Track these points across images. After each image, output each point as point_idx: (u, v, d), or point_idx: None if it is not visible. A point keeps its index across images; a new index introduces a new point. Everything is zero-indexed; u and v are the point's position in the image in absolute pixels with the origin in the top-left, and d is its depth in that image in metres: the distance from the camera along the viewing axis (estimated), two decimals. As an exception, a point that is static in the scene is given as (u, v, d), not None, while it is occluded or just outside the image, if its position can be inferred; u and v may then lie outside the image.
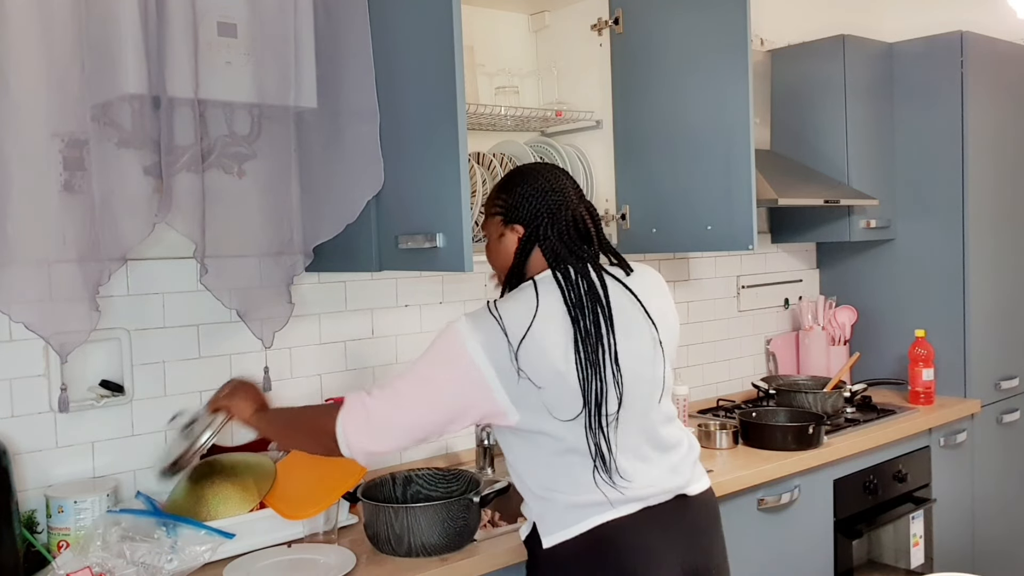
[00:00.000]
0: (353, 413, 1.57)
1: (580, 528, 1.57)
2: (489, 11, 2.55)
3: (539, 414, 1.54)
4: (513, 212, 1.65)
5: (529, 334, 1.51)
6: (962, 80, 3.10)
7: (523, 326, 1.52)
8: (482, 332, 1.53)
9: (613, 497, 1.57)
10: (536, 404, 1.53)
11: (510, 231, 1.66)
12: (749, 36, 2.17)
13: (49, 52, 1.62)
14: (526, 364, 1.51)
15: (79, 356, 1.80)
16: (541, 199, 1.63)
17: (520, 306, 1.55)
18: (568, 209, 1.63)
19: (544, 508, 1.61)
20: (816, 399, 2.83)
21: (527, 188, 1.64)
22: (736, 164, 2.22)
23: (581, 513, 1.58)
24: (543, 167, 1.71)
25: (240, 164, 1.88)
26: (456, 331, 1.55)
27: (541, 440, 1.57)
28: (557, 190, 1.64)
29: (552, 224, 1.62)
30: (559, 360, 1.52)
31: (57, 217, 1.65)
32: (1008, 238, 3.31)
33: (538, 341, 1.52)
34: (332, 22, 1.91)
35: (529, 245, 1.63)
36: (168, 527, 1.72)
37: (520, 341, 1.51)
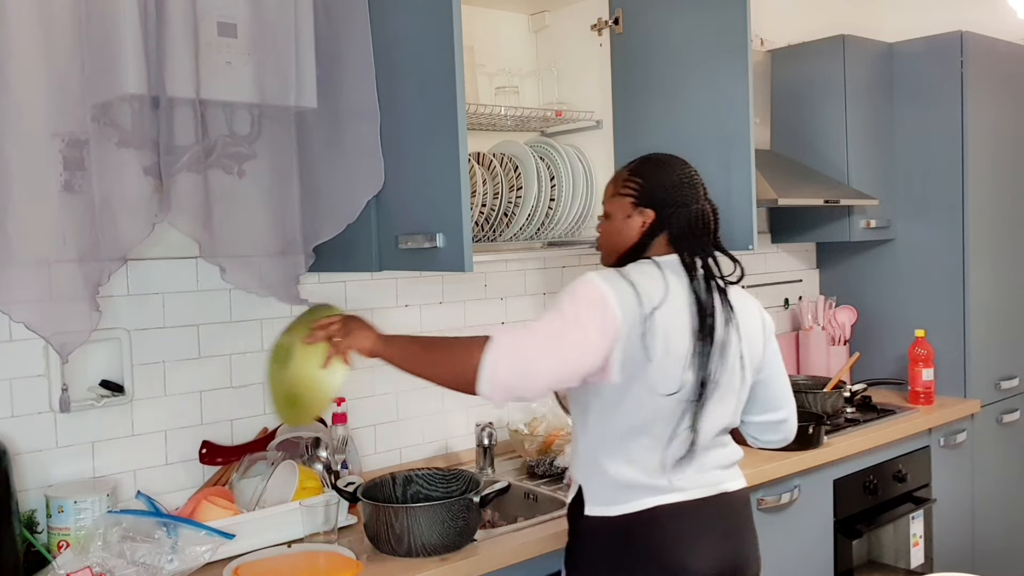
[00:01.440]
0: (505, 350, 1.52)
1: (629, 508, 1.62)
2: (489, 11, 2.55)
3: (634, 384, 1.58)
4: (646, 196, 1.71)
5: (660, 308, 1.58)
6: (962, 80, 3.10)
7: (656, 298, 1.59)
8: (617, 290, 1.58)
9: (663, 484, 1.63)
10: (637, 374, 1.58)
11: (638, 214, 1.71)
12: (749, 36, 2.17)
13: (49, 52, 1.62)
14: (649, 334, 1.56)
15: (79, 356, 1.80)
16: (675, 189, 1.70)
17: (652, 281, 1.62)
18: (697, 203, 1.70)
19: (596, 478, 1.65)
20: (816, 399, 2.83)
21: (663, 176, 1.71)
22: (736, 164, 2.22)
23: (632, 493, 1.63)
24: (677, 160, 1.77)
25: (240, 164, 1.88)
26: (594, 282, 1.59)
27: (621, 411, 1.61)
28: (690, 184, 1.72)
29: (682, 213, 1.68)
30: (676, 342, 1.59)
31: (57, 217, 1.65)
32: (1008, 238, 3.31)
33: (665, 317, 1.59)
34: (332, 22, 1.91)
35: (655, 230, 1.69)
36: (168, 527, 1.72)
37: (653, 311, 1.57)
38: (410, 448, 2.43)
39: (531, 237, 2.37)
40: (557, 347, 1.55)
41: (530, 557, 1.85)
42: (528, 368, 1.54)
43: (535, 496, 2.19)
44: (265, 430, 2.15)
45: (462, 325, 2.53)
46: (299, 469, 1.93)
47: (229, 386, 2.11)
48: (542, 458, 2.35)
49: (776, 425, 1.85)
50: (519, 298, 2.67)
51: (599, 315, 1.55)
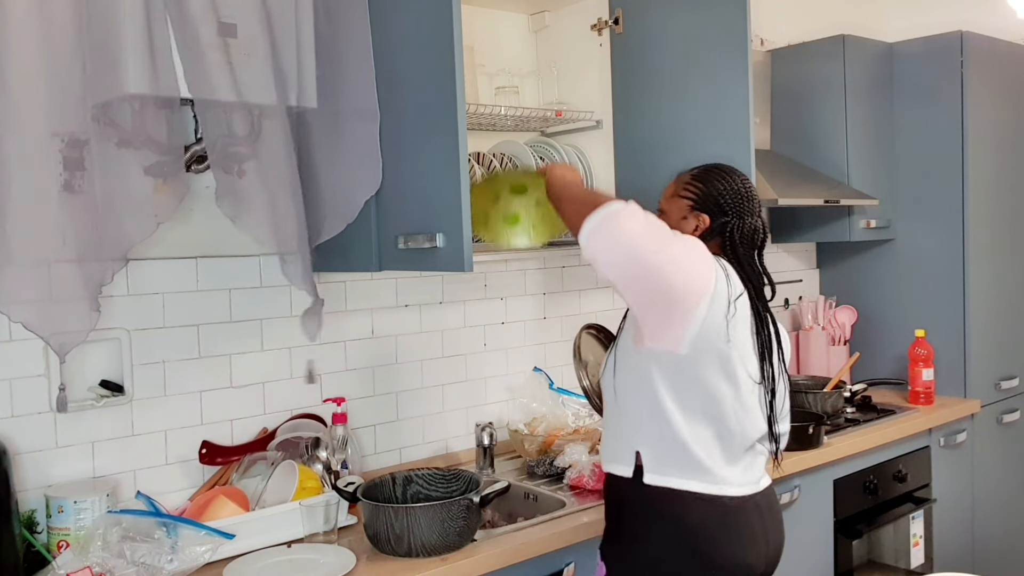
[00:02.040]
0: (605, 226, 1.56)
1: (701, 488, 1.64)
2: (489, 11, 2.55)
3: (704, 360, 1.61)
4: (705, 202, 1.75)
5: (740, 299, 1.64)
6: (962, 80, 3.10)
7: (738, 288, 1.65)
8: (716, 264, 1.64)
9: (730, 476, 1.66)
10: (710, 352, 1.61)
11: (694, 218, 1.76)
12: (749, 36, 2.17)
13: (49, 52, 1.62)
14: (732, 316, 1.61)
15: (79, 356, 1.80)
16: (735, 200, 1.74)
17: (733, 274, 1.67)
18: (752, 217, 1.74)
19: (664, 444, 1.65)
20: (816, 399, 2.83)
21: (725, 185, 1.76)
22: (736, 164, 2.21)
23: (700, 474, 1.65)
24: (739, 172, 1.81)
25: (240, 164, 1.88)
26: (706, 249, 1.65)
27: (692, 389, 1.64)
28: (748, 197, 1.76)
29: (737, 226, 1.72)
30: (746, 337, 1.66)
31: (57, 217, 1.65)
32: (1008, 238, 3.31)
33: (742, 309, 1.65)
34: (332, 22, 1.91)
35: (707, 237, 1.73)
36: (168, 527, 1.72)
37: (737, 296, 1.64)
38: (410, 448, 2.43)
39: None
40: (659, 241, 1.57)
41: (530, 557, 1.85)
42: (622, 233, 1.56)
43: (535, 496, 2.19)
44: (265, 430, 2.15)
45: (462, 325, 2.53)
46: (299, 469, 1.93)
47: (229, 386, 2.11)
48: (542, 458, 2.35)
49: (779, 437, 1.85)
50: (519, 298, 2.67)
51: (703, 261, 1.61)
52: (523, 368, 2.65)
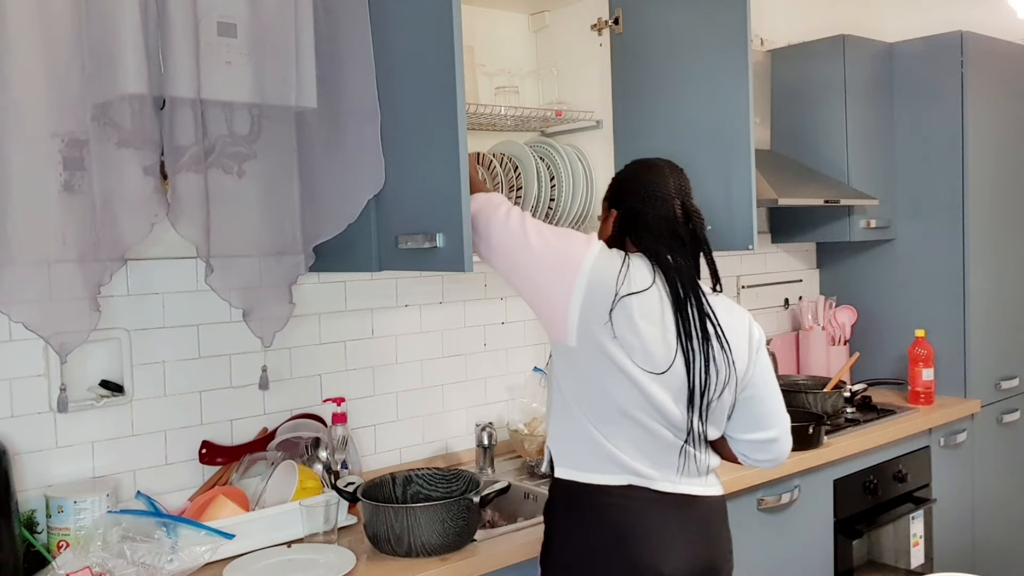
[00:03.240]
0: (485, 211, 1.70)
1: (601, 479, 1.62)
2: (489, 11, 2.55)
3: (594, 354, 1.60)
4: (614, 197, 1.78)
5: (639, 295, 1.60)
6: (962, 80, 3.10)
7: (638, 285, 1.61)
8: (606, 259, 1.63)
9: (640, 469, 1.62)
10: (597, 345, 1.59)
11: (608, 214, 1.79)
12: (749, 36, 2.17)
13: (49, 52, 1.62)
14: (619, 310, 1.58)
15: (79, 356, 1.80)
16: (635, 189, 1.74)
17: (641, 272, 1.64)
18: (661, 202, 1.71)
19: (566, 442, 1.66)
20: (816, 399, 2.83)
21: (635, 177, 1.77)
22: (736, 164, 2.22)
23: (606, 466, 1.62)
24: (660, 164, 1.79)
25: (240, 164, 1.88)
26: (591, 242, 1.66)
27: (586, 382, 1.62)
28: (654, 183, 1.74)
29: (640, 214, 1.71)
30: (651, 332, 1.60)
31: (57, 217, 1.65)
32: (1008, 238, 3.31)
33: (642, 305, 1.60)
34: (332, 22, 1.91)
35: (621, 229, 1.75)
36: (168, 527, 1.72)
37: (630, 293, 1.60)
38: (410, 448, 2.43)
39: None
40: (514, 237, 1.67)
41: (530, 557, 1.85)
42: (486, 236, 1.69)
43: (535, 496, 2.19)
44: (265, 430, 2.15)
45: (462, 325, 2.53)
46: (299, 469, 1.93)
47: (229, 386, 2.11)
48: (542, 458, 2.35)
49: (767, 444, 1.74)
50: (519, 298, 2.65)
51: (560, 249, 1.63)
52: (523, 368, 2.65)
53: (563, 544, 1.65)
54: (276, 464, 2.00)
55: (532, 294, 1.68)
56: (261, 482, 1.99)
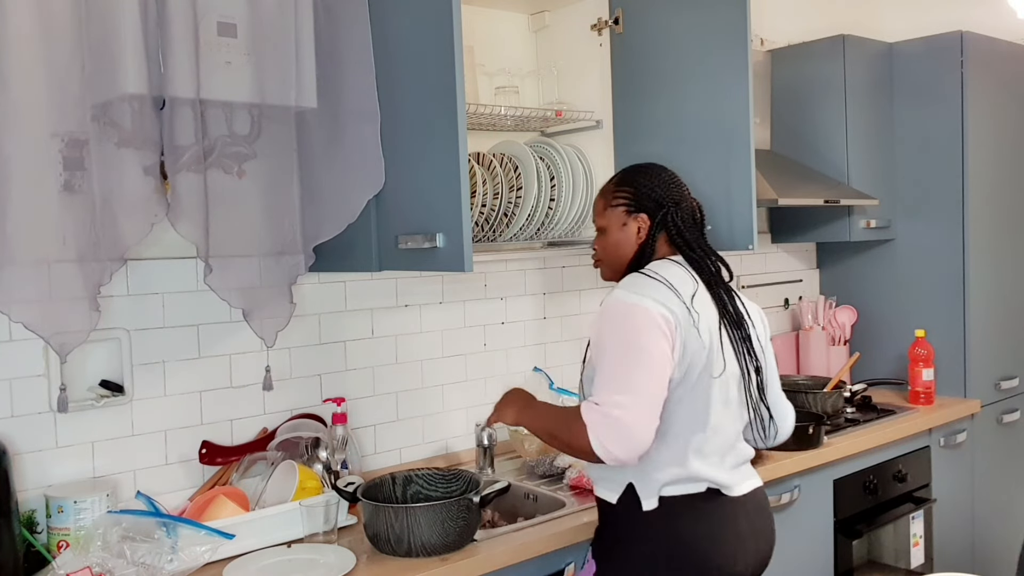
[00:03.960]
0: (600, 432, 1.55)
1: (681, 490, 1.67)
2: (489, 11, 2.55)
3: (693, 372, 1.63)
4: (638, 202, 1.76)
5: (696, 296, 1.66)
6: (962, 80, 3.10)
7: (690, 287, 1.66)
8: (650, 291, 1.63)
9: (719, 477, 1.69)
10: (695, 363, 1.63)
11: (633, 220, 1.77)
12: (749, 36, 2.17)
13: (49, 52, 1.62)
14: (699, 320, 1.63)
15: (79, 356, 1.80)
16: (665, 190, 1.76)
17: (680, 273, 1.68)
18: (686, 200, 1.78)
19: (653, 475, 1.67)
20: (816, 399, 2.83)
21: (651, 180, 1.77)
22: (736, 164, 2.22)
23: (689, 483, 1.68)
24: (657, 165, 1.83)
25: (240, 164, 1.88)
26: (625, 302, 1.63)
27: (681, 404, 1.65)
28: (676, 183, 1.78)
29: (677, 213, 1.75)
30: (713, 325, 1.66)
31: (57, 217, 1.65)
32: (1008, 238, 3.31)
33: (701, 303, 1.66)
34: (332, 22, 1.91)
35: (654, 233, 1.74)
36: (168, 527, 1.72)
37: (692, 297, 1.64)
38: (410, 448, 2.43)
39: (531, 237, 2.37)
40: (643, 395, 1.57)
41: (530, 557, 1.85)
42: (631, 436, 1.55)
43: (535, 496, 2.19)
44: (265, 430, 2.15)
45: (462, 325, 2.53)
46: (299, 469, 1.93)
47: (229, 386, 2.11)
48: (542, 458, 2.35)
49: (771, 426, 1.86)
50: (519, 298, 2.67)
51: (655, 328, 1.60)
52: (523, 368, 2.65)
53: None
54: (276, 464, 2.00)
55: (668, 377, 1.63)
56: (261, 482, 1.99)
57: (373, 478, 1.94)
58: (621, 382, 1.57)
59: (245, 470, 2.03)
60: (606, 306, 1.65)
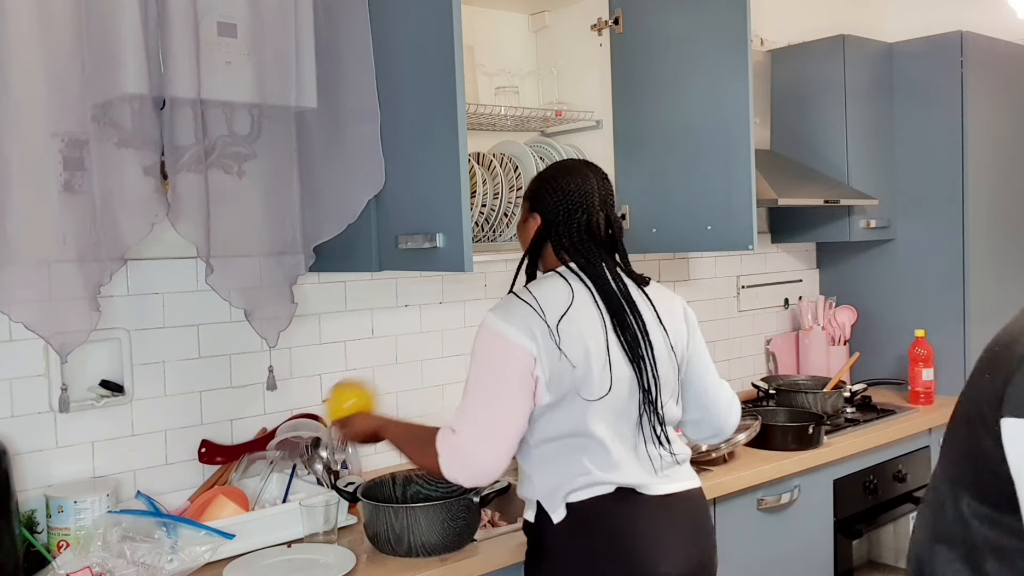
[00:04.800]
0: (446, 457, 1.60)
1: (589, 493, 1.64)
2: (489, 11, 2.55)
3: (566, 395, 1.60)
4: (537, 202, 1.74)
5: (567, 315, 1.60)
6: (962, 80, 3.10)
7: (561, 306, 1.61)
8: (517, 318, 1.60)
9: (623, 480, 1.64)
10: (566, 386, 1.59)
11: (531, 218, 1.76)
12: (749, 36, 2.17)
13: (49, 52, 1.62)
14: (564, 341, 1.58)
15: (79, 356, 1.80)
16: (561, 197, 1.71)
17: (556, 291, 1.64)
18: (585, 213, 1.70)
19: (554, 495, 1.65)
20: (816, 399, 2.83)
21: (555, 184, 1.72)
22: (736, 164, 2.22)
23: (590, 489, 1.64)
24: (581, 167, 1.77)
25: (240, 164, 1.88)
26: (491, 328, 1.61)
27: (556, 424, 1.63)
28: (580, 192, 1.71)
29: (565, 223, 1.70)
30: (591, 340, 1.60)
31: (57, 217, 1.65)
32: (1008, 238, 3.31)
33: (576, 324, 1.60)
34: (332, 22, 1.91)
35: (543, 236, 1.72)
36: (168, 527, 1.72)
37: (559, 320, 1.59)
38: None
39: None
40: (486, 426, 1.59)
41: (530, 557, 1.85)
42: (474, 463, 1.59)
43: (535, 496, 2.19)
44: (264, 430, 2.15)
45: (462, 325, 2.53)
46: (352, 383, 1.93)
47: (229, 386, 2.11)
48: (542, 458, 2.35)
49: (706, 421, 1.86)
50: (519, 298, 2.66)
51: (509, 361, 1.58)
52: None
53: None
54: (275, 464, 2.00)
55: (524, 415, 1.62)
56: (261, 482, 1.99)
57: (373, 478, 1.94)
58: (470, 412, 1.61)
59: (245, 470, 2.03)
60: (479, 328, 1.63)
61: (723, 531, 2.27)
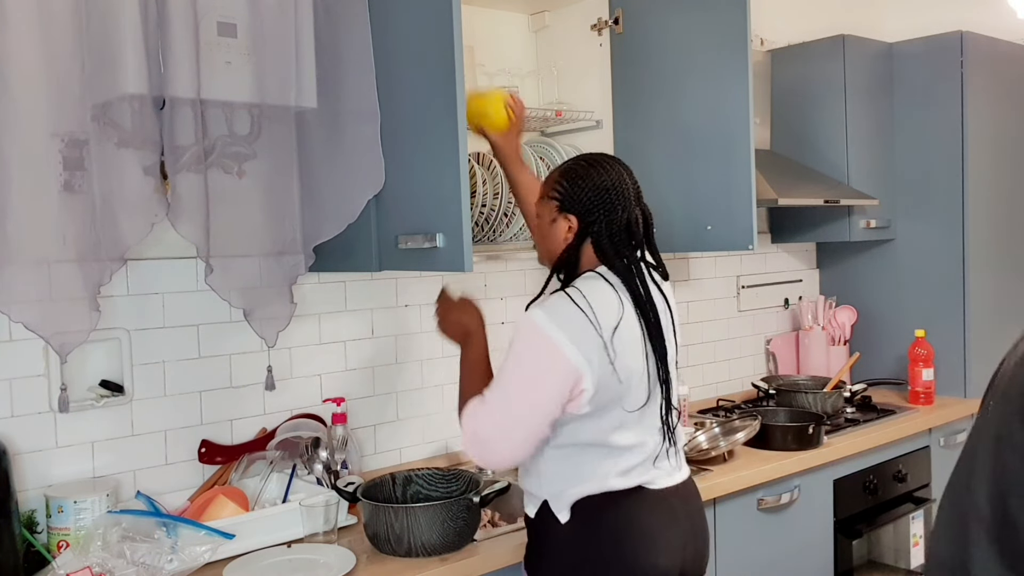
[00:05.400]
0: (467, 434, 1.58)
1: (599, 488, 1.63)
2: (489, 11, 2.55)
3: (607, 407, 1.58)
4: (570, 202, 1.65)
5: (619, 327, 1.55)
6: (962, 80, 3.10)
7: (614, 318, 1.56)
8: (570, 326, 1.53)
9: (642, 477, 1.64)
10: (610, 400, 1.57)
11: (563, 219, 1.66)
12: (749, 36, 2.17)
13: (49, 52, 1.62)
14: (616, 357, 1.55)
15: (79, 356, 1.80)
16: (600, 195, 1.63)
17: (606, 298, 1.58)
18: (624, 210, 1.64)
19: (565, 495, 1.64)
20: (816, 399, 2.83)
21: (589, 181, 1.64)
22: (736, 164, 2.22)
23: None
24: (608, 161, 1.69)
25: (240, 164, 1.88)
26: (540, 329, 1.54)
27: (589, 431, 1.60)
28: (617, 189, 1.64)
29: (606, 223, 1.63)
30: (637, 356, 1.58)
31: (57, 217, 1.65)
32: (1008, 238, 3.31)
33: (624, 335, 1.56)
34: (332, 22, 1.91)
35: (580, 237, 1.65)
36: (168, 527, 1.72)
37: (612, 334, 1.54)
38: (410, 448, 2.43)
39: (531, 237, 2.36)
40: (517, 428, 1.56)
41: (530, 557, 1.85)
42: (492, 449, 1.58)
43: (535, 496, 2.19)
44: (264, 430, 2.15)
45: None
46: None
47: (229, 386, 2.11)
48: (542, 458, 2.35)
49: None
50: (519, 298, 2.66)
51: (558, 373, 1.53)
52: (523, 368, 2.65)
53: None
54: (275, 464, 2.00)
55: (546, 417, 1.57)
56: (260, 482, 1.99)
57: (373, 478, 1.94)
58: (495, 403, 1.57)
59: (245, 470, 2.03)
60: (527, 321, 1.56)
61: (723, 531, 2.27)
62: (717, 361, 3.24)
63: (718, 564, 2.24)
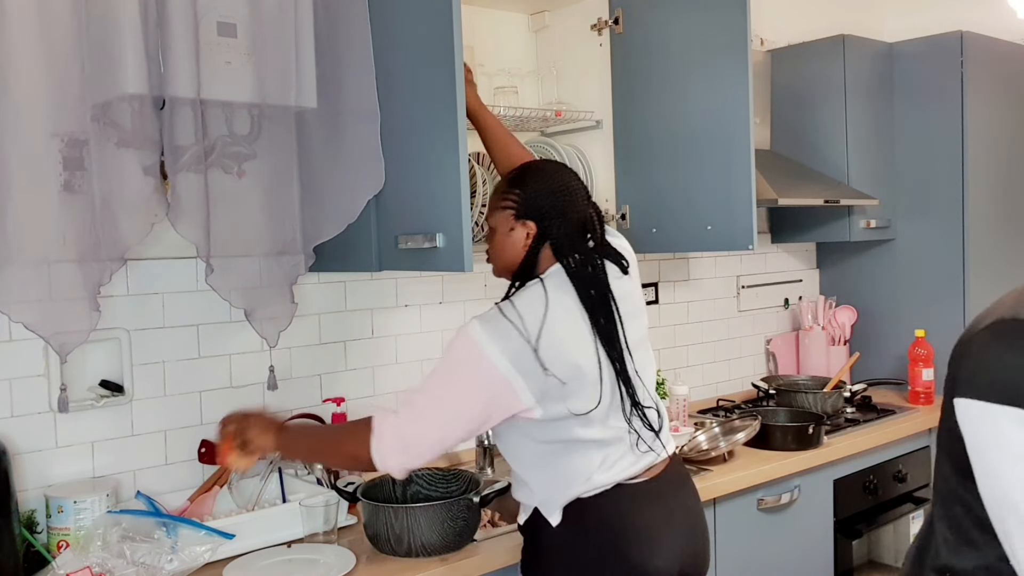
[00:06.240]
0: (385, 438, 1.57)
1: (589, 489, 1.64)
2: (489, 11, 2.55)
3: (556, 408, 1.58)
4: (525, 208, 1.67)
5: (545, 330, 1.55)
6: (962, 80, 3.10)
7: (538, 323, 1.55)
8: (499, 336, 1.55)
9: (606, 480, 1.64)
10: (557, 400, 1.57)
11: (521, 226, 1.68)
12: (749, 36, 2.17)
13: (49, 52, 1.62)
14: (548, 361, 1.54)
15: (79, 356, 1.80)
16: (554, 197, 1.67)
17: (532, 304, 1.59)
18: (577, 210, 1.68)
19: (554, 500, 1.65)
20: (816, 399, 2.83)
21: (541, 185, 1.68)
22: (736, 164, 2.22)
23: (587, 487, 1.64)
24: (553, 165, 1.76)
25: (240, 164, 1.88)
26: (471, 339, 1.56)
27: (555, 432, 1.61)
28: (568, 189, 1.68)
29: (562, 222, 1.66)
30: (577, 353, 1.58)
31: (57, 217, 1.65)
32: (1008, 238, 3.31)
33: (555, 336, 1.56)
34: (332, 22, 1.91)
35: (540, 241, 1.66)
36: (168, 527, 1.72)
37: (537, 339, 1.54)
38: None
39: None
40: (435, 423, 1.57)
41: (530, 557, 1.85)
42: (411, 449, 1.58)
43: (535, 496, 2.19)
44: (265, 430, 2.15)
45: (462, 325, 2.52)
46: None
47: (229, 386, 2.11)
48: (542, 458, 2.35)
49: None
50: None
51: (476, 378, 1.55)
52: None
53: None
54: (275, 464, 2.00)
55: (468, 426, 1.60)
56: (260, 482, 1.99)
57: (373, 478, 1.94)
58: (419, 406, 1.58)
59: (245, 470, 2.03)
60: (463, 332, 1.57)
61: (723, 531, 2.27)
62: (717, 361, 3.24)
63: (718, 564, 2.23)
